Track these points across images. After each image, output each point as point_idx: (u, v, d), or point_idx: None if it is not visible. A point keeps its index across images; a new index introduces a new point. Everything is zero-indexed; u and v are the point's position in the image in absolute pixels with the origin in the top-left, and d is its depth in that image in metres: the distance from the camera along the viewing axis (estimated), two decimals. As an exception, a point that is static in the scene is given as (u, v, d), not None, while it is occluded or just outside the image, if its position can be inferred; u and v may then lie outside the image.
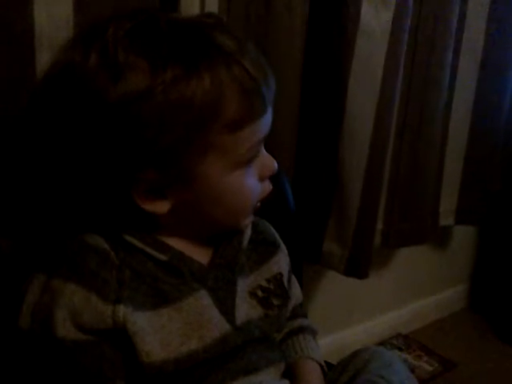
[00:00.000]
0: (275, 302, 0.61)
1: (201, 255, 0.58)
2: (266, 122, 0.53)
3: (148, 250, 0.54)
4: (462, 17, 1.22)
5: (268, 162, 0.57)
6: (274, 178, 0.84)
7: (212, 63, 0.48)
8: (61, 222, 0.56)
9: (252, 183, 0.56)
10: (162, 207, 0.53)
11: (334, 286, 1.30)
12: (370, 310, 1.42)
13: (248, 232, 0.62)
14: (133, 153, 0.49)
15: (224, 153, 0.51)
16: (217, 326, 0.55)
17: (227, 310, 0.57)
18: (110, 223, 0.54)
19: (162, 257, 0.54)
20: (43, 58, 0.70)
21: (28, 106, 0.53)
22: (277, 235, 0.67)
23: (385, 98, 1.05)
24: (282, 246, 0.67)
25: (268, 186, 0.59)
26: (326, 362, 0.72)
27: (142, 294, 0.52)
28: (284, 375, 0.63)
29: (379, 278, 1.41)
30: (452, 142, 1.34)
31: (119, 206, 0.53)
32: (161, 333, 0.52)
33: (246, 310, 0.58)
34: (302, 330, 0.69)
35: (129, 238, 0.54)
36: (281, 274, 0.63)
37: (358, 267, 1.12)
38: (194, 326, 0.53)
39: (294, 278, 0.70)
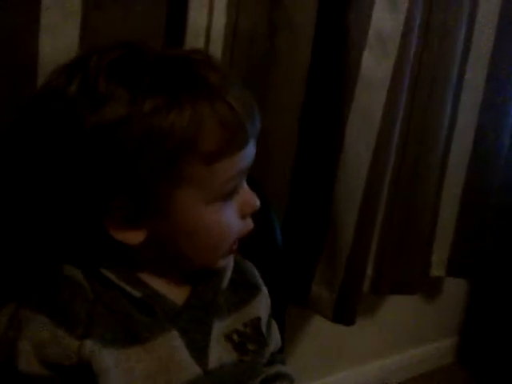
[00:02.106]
0: (251, 347, 0.59)
1: (177, 294, 0.57)
2: (246, 155, 0.53)
3: (123, 285, 0.53)
4: (463, 68, 1.24)
5: (250, 199, 0.56)
6: (263, 215, 0.85)
7: (194, 96, 0.48)
8: (39, 251, 0.56)
9: (231, 219, 0.55)
10: (134, 238, 0.52)
11: (319, 331, 1.28)
12: (355, 358, 1.40)
13: (228, 273, 0.61)
14: (106, 180, 0.49)
15: (200, 185, 0.51)
16: (186, 369, 0.54)
17: (199, 354, 0.55)
18: (88, 255, 0.53)
19: (136, 293, 0.53)
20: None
21: (11, 126, 0.52)
22: (259, 277, 0.66)
23: (381, 147, 1.05)
24: (264, 289, 0.66)
25: (249, 224, 0.57)
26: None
27: (113, 331, 0.51)
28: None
29: (366, 325, 1.39)
30: (447, 193, 1.34)
31: (95, 235, 0.52)
32: (127, 374, 0.51)
33: (219, 353, 0.57)
34: (278, 377, 0.67)
35: (105, 272, 0.53)
36: (259, 319, 0.62)
37: (345, 313, 1.10)
38: (162, 369, 0.52)
39: (274, 323, 0.69)
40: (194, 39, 0.90)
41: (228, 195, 0.53)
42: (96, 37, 0.78)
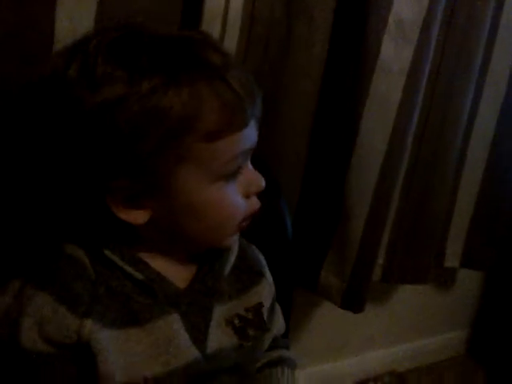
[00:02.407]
0: (251, 332, 0.60)
1: (180, 278, 0.58)
2: (247, 136, 0.53)
3: (125, 267, 0.54)
4: (487, 60, 1.21)
5: (254, 179, 0.56)
6: (274, 203, 0.85)
7: (193, 76, 0.49)
8: (45, 231, 0.57)
9: (235, 199, 0.55)
10: (138, 217, 0.52)
11: (329, 316, 1.28)
12: (363, 344, 1.40)
13: (232, 258, 0.62)
14: (107, 160, 0.49)
15: (200, 164, 0.51)
16: (185, 352, 0.54)
17: (199, 337, 0.56)
18: (92, 235, 0.55)
19: (139, 275, 0.54)
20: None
21: (14, 104, 0.53)
22: (264, 264, 0.67)
23: (397, 136, 1.04)
24: (268, 275, 0.66)
25: (255, 204, 0.57)
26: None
27: (114, 311, 0.52)
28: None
29: (376, 312, 1.39)
30: (465, 184, 1.32)
31: (98, 214, 0.53)
32: (126, 354, 0.52)
33: (219, 338, 0.58)
34: (280, 361, 0.68)
35: (108, 254, 0.54)
36: (261, 305, 0.62)
37: (354, 301, 1.10)
38: (161, 351, 0.53)
39: (277, 308, 0.70)
40: (210, 22, 0.90)
41: (231, 175, 0.53)
42: (111, 20, 0.78)
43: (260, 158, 0.88)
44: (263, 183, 0.57)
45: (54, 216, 0.56)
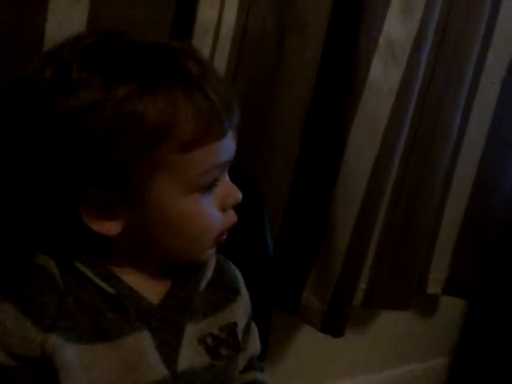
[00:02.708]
0: (224, 352, 0.58)
1: (153, 293, 0.55)
2: (225, 147, 0.52)
3: (96, 280, 0.52)
4: (477, 77, 1.21)
5: (231, 192, 0.55)
6: (256, 220, 0.83)
7: (169, 84, 0.48)
8: (17, 240, 0.54)
9: (210, 212, 0.53)
10: (111, 228, 0.51)
11: (309, 340, 1.25)
12: (344, 370, 1.37)
13: (208, 273, 0.59)
14: (80, 167, 0.48)
15: (176, 174, 0.49)
16: (154, 370, 0.52)
17: (169, 355, 0.54)
18: (64, 246, 0.52)
19: (110, 290, 0.52)
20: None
21: None
22: (240, 281, 0.64)
23: (385, 153, 1.03)
24: (244, 293, 0.64)
25: (231, 217, 0.56)
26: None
27: (82, 325, 0.50)
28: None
29: (357, 337, 1.37)
30: (450, 209, 1.31)
31: (70, 224, 0.51)
32: (91, 371, 0.49)
33: (190, 357, 0.55)
34: (254, 384, 0.65)
35: (79, 266, 0.52)
36: (235, 324, 0.60)
37: (334, 325, 1.08)
38: (129, 368, 0.51)
39: (253, 328, 0.67)
40: (202, 35, 0.89)
41: (207, 187, 0.52)
42: (102, 25, 0.77)
43: (243, 172, 0.87)
44: (240, 196, 0.55)
45: (27, 225, 0.54)
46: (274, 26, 0.94)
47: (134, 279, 0.54)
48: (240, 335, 0.60)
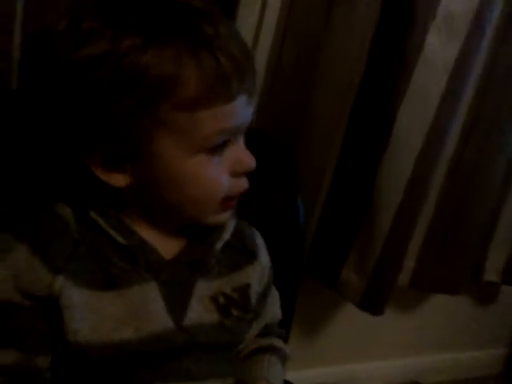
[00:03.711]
0: (234, 312, 0.59)
1: (167, 249, 0.57)
2: (235, 112, 0.51)
3: (110, 230, 0.54)
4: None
5: (243, 158, 0.55)
6: (289, 192, 0.83)
7: (177, 40, 0.48)
8: (36, 189, 0.58)
9: (217, 175, 0.53)
10: (118, 180, 0.53)
11: (355, 317, 1.24)
12: (388, 350, 1.36)
13: (225, 235, 0.60)
14: (86, 119, 0.50)
15: (179, 133, 0.50)
16: (158, 320, 0.54)
17: (176, 309, 0.55)
18: (80, 196, 0.55)
19: (122, 240, 0.54)
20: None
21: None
22: (260, 246, 0.65)
23: (435, 133, 1.00)
24: (263, 258, 0.64)
25: (242, 184, 0.56)
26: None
27: (91, 272, 0.53)
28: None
29: (407, 319, 1.35)
30: (512, 195, 1.24)
31: (82, 174, 0.53)
32: (96, 314, 0.52)
33: (200, 313, 0.57)
34: (269, 349, 0.66)
35: (93, 215, 0.54)
36: (248, 286, 0.61)
37: (373, 302, 1.07)
38: (133, 315, 0.53)
39: (273, 295, 0.68)
40: (248, 5, 0.89)
41: (213, 149, 0.52)
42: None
43: (282, 144, 0.87)
44: (253, 164, 0.55)
45: (45, 173, 0.57)
46: (323, 1, 0.92)
47: (148, 233, 0.56)
48: (253, 298, 0.61)
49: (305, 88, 0.97)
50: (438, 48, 0.96)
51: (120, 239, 0.54)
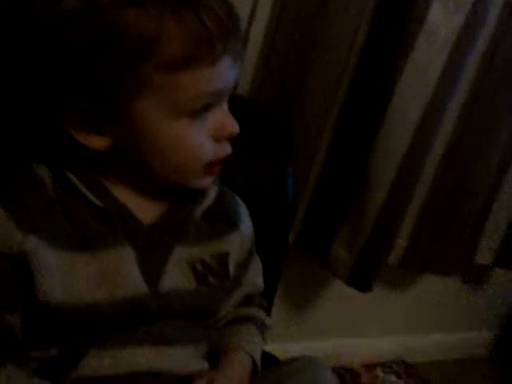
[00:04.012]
0: (211, 280, 0.57)
1: (146, 213, 0.55)
2: (219, 74, 0.50)
3: (84, 191, 0.52)
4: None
5: (227, 123, 0.53)
6: (278, 165, 0.81)
7: (162, 2, 0.46)
8: (16, 150, 0.56)
9: (198, 139, 0.52)
10: (97, 143, 0.51)
11: (344, 293, 1.24)
12: (376, 328, 1.35)
13: (205, 202, 0.59)
14: (64, 77, 0.48)
15: (162, 95, 0.49)
16: (131, 285, 0.52)
17: (151, 274, 0.54)
18: (58, 157, 0.53)
19: (98, 202, 0.53)
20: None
21: None
22: (242, 215, 0.64)
23: (434, 108, 0.97)
24: (244, 226, 0.63)
25: (224, 149, 0.55)
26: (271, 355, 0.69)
27: (65, 233, 0.51)
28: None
29: (396, 297, 1.34)
30: (509, 176, 1.22)
31: (62, 136, 0.51)
32: (68, 275, 0.50)
33: (176, 279, 0.55)
34: (247, 319, 0.65)
35: (71, 176, 0.53)
36: (227, 254, 0.59)
37: (361, 279, 1.05)
38: (106, 278, 0.51)
39: (255, 265, 0.67)
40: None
41: (195, 113, 0.51)
42: None
43: (274, 113, 0.85)
44: (236, 129, 0.54)
45: (25, 134, 0.56)
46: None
47: (127, 197, 0.55)
48: (232, 267, 0.60)
49: (302, 61, 0.94)
50: (442, 19, 0.92)
51: (97, 202, 0.53)
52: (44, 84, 0.49)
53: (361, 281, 1.05)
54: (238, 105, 0.87)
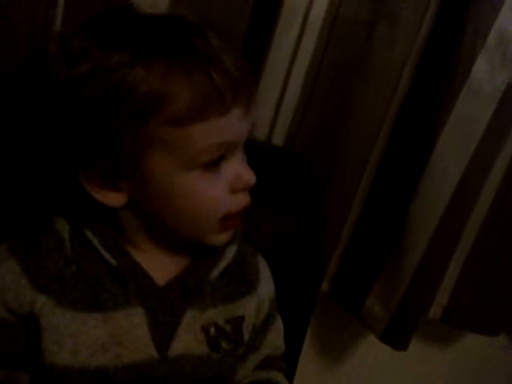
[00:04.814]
0: (224, 345, 0.56)
1: (161, 273, 0.55)
2: (229, 126, 0.50)
3: (101, 250, 0.53)
4: None
5: (242, 173, 0.53)
6: (309, 213, 0.79)
7: (165, 56, 0.47)
8: (37, 203, 0.58)
9: (214, 191, 0.52)
10: (113, 200, 0.52)
11: (378, 353, 1.18)
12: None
13: (222, 263, 0.58)
14: (77, 136, 0.49)
15: (172, 149, 0.49)
16: (140, 349, 0.52)
17: (162, 338, 0.53)
18: (77, 213, 0.54)
19: (113, 261, 0.53)
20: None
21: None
22: (262, 277, 0.62)
23: (476, 165, 0.93)
24: (262, 290, 0.61)
25: (242, 201, 0.54)
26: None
27: (78, 293, 0.51)
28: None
29: (434, 355, 1.27)
30: None
31: (79, 193, 0.52)
32: (76, 337, 0.50)
33: (187, 343, 0.55)
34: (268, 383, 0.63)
35: (88, 234, 0.53)
36: (242, 318, 0.58)
37: (397, 336, 1.01)
38: (114, 342, 0.51)
39: (275, 327, 0.65)
40: (289, 19, 0.87)
41: (208, 165, 0.50)
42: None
43: (308, 164, 0.84)
44: (252, 179, 0.53)
45: (45, 189, 0.57)
46: (367, 14, 0.88)
47: (143, 254, 0.55)
48: (246, 332, 0.59)
49: (340, 111, 0.93)
50: (487, 75, 0.90)
51: (112, 261, 0.53)
52: (59, 142, 0.51)
53: (395, 338, 1.00)
54: (271, 154, 0.87)
